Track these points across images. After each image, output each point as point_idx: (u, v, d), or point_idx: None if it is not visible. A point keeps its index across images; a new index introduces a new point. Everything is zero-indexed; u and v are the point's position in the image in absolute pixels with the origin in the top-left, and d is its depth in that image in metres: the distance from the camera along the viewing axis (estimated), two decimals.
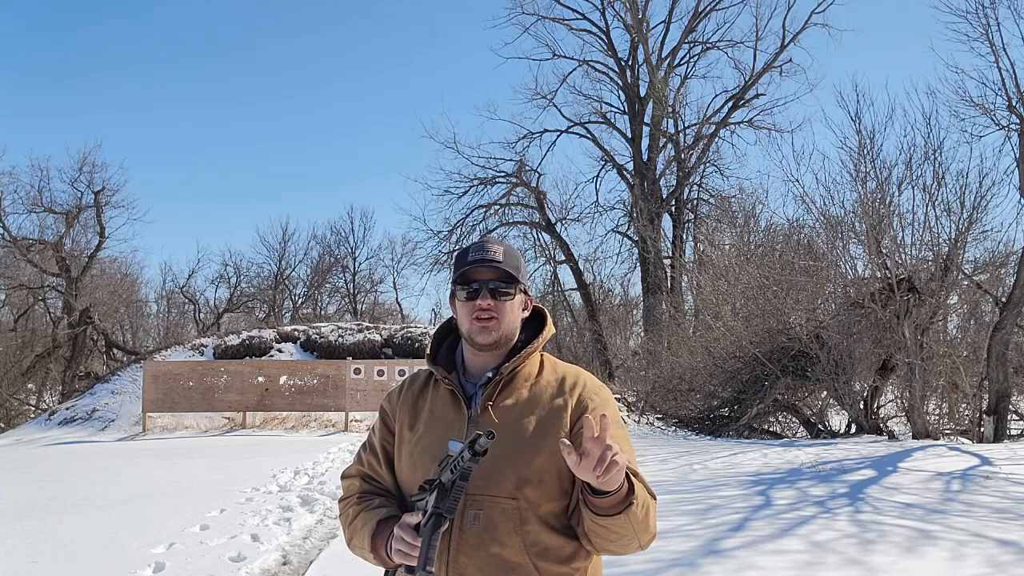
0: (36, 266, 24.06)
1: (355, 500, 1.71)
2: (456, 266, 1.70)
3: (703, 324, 17.14)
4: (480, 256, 1.65)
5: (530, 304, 1.74)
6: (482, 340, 1.64)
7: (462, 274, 1.66)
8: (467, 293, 1.65)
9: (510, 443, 1.56)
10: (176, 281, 35.32)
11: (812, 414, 14.25)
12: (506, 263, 1.65)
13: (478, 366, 1.69)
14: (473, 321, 1.63)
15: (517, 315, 1.69)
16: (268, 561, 5.36)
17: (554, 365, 1.73)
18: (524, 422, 1.59)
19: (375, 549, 1.59)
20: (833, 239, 13.48)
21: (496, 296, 1.64)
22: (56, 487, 8.37)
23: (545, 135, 26.12)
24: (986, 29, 12.19)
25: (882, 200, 12.40)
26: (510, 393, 1.64)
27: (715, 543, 5.41)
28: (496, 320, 1.63)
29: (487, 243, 1.70)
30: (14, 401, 22.31)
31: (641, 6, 25.06)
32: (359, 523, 1.64)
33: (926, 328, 12.02)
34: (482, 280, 1.64)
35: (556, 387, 1.66)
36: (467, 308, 1.65)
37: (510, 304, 1.66)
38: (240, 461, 10.23)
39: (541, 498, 1.54)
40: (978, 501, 6.58)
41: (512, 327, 1.67)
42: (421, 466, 1.62)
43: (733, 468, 9.04)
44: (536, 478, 1.54)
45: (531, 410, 1.61)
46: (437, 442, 1.61)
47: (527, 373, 1.67)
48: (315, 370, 15.75)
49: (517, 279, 1.66)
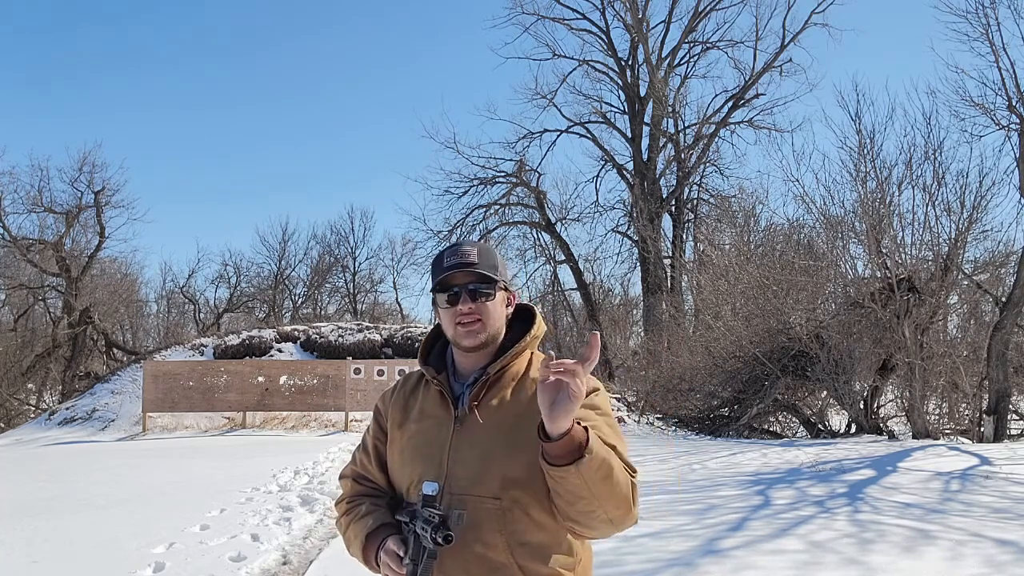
0: (36, 266, 24.06)
1: (345, 505, 1.76)
2: (433, 273, 1.69)
3: (703, 324, 17.13)
4: (455, 260, 1.65)
5: (513, 300, 1.74)
6: (468, 343, 1.64)
7: (440, 281, 1.65)
8: (447, 298, 1.65)
9: (495, 443, 1.57)
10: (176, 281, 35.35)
11: (812, 414, 14.25)
12: (482, 264, 1.64)
13: (467, 367, 1.69)
14: (457, 326, 1.64)
15: (501, 314, 1.68)
16: (268, 561, 5.37)
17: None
18: (509, 422, 1.59)
19: (367, 562, 1.66)
20: (833, 239, 13.49)
21: (476, 298, 1.63)
22: (56, 487, 8.38)
23: (545, 135, 26.17)
24: (986, 29, 12.22)
25: (882, 200, 12.40)
26: (496, 392, 1.64)
27: (714, 543, 5.42)
28: (480, 322, 1.63)
29: (460, 246, 1.69)
30: (14, 401, 22.31)
31: (641, 6, 25.06)
32: (351, 534, 1.69)
33: (926, 328, 12.02)
34: (460, 284, 1.64)
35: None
36: (449, 314, 1.65)
37: (492, 304, 1.65)
38: (240, 461, 10.23)
39: (525, 497, 1.53)
40: (977, 501, 6.59)
41: (497, 326, 1.67)
42: (410, 465, 1.65)
43: (732, 468, 9.04)
44: (521, 478, 1.53)
45: (516, 409, 1.61)
46: (425, 441, 1.64)
47: (515, 372, 1.67)
48: (315, 370, 15.75)
49: (495, 278, 1.66)
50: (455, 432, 1.61)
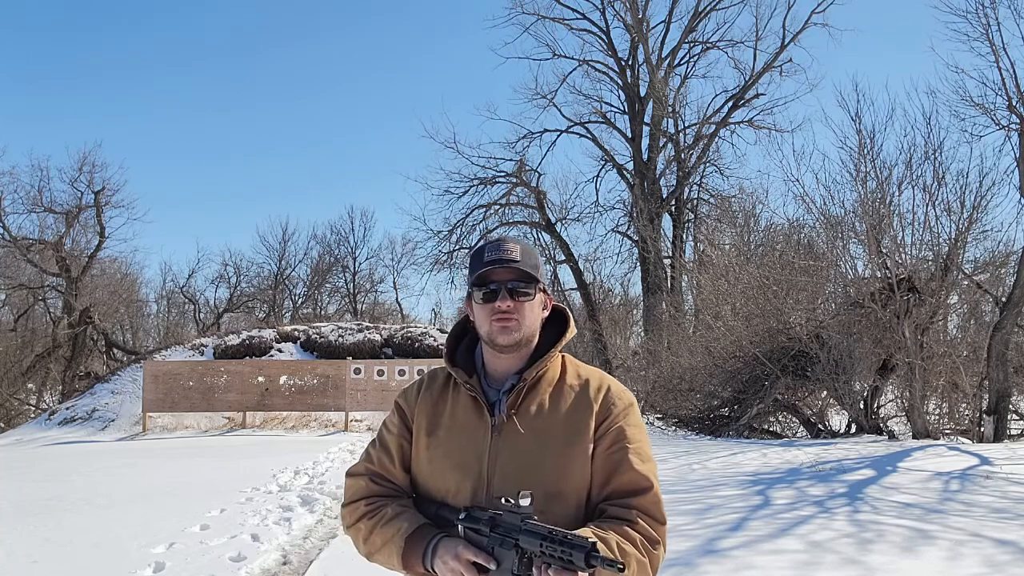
0: (36, 266, 24.06)
1: (364, 506, 1.64)
2: (472, 267, 1.63)
3: (703, 324, 17.14)
4: (497, 256, 1.59)
5: (549, 303, 1.68)
6: (503, 341, 1.59)
7: (479, 275, 1.59)
8: (484, 295, 1.59)
9: (536, 453, 1.54)
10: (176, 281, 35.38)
11: (812, 414, 14.25)
12: (524, 262, 1.59)
13: (500, 370, 1.64)
14: (493, 322, 1.58)
15: (537, 315, 1.63)
16: (268, 561, 5.37)
17: (576, 368, 1.69)
18: (550, 431, 1.56)
19: (409, 567, 1.53)
20: (833, 239, 13.48)
21: (515, 296, 1.58)
22: (56, 487, 8.38)
23: (545, 135, 26.18)
24: (986, 29, 12.20)
25: (882, 200, 12.40)
26: (534, 399, 1.60)
27: (713, 543, 5.42)
28: (516, 321, 1.58)
29: (504, 242, 1.63)
30: (14, 401, 22.32)
31: (641, 6, 25.07)
32: (377, 538, 1.58)
33: (926, 328, 12.02)
34: (500, 281, 1.59)
35: (580, 392, 1.63)
36: (486, 310, 1.59)
37: (530, 304, 1.60)
38: (240, 461, 10.23)
39: (560, 513, 1.49)
40: (977, 501, 6.58)
41: (533, 328, 1.62)
42: (445, 473, 1.59)
43: (732, 468, 9.05)
44: (562, 492, 1.50)
45: (556, 418, 1.57)
46: (459, 448, 1.59)
47: (550, 377, 1.63)
48: (315, 370, 15.76)
49: (536, 278, 1.61)
50: (493, 441, 1.56)
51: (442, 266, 25.83)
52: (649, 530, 1.50)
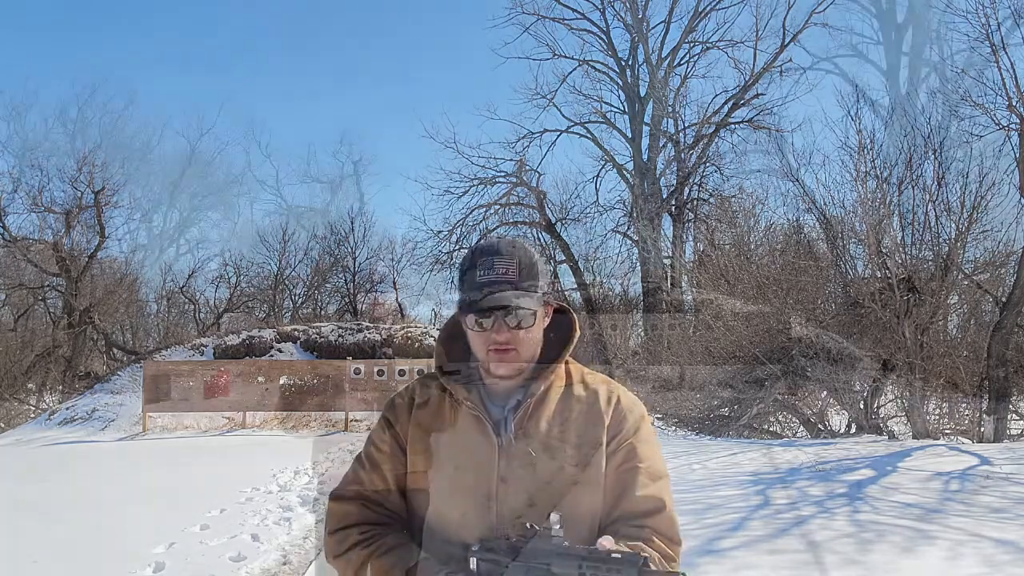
0: (36, 266, 24.05)
1: (357, 535, 1.47)
2: (462, 283, 1.45)
3: (703, 324, 17.13)
4: (491, 277, 1.40)
5: (550, 311, 1.53)
6: (502, 372, 1.46)
7: (471, 301, 1.41)
8: (478, 322, 1.43)
9: (547, 476, 1.43)
10: (176, 281, 35.35)
11: (812, 414, 14.24)
12: (522, 280, 1.41)
13: (499, 385, 1.51)
14: (490, 352, 1.44)
15: (538, 335, 1.49)
16: (268, 561, 5.37)
17: (582, 374, 1.58)
18: (561, 451, 1.45)
19: None
20: (833, 239, 13.48)
21: (513, 326, 1.43)
22: (56, 487, 8.38)
23: (545, 135, 26.16)
24: (986, 29, 12.21)
25: (882, 200, 12.41)
26: (542, 415, 1.48)
27: (713, 543, 5.42)
28: (515, 352, 1.44)
29: (498, 258, 1.42)
30: (14, 401, 22.31)
31: (641, 6, 25.09)
32: (374, 571, 1.43)
33: (926, 328, 12.02)
34: (496, 307, 1.40)
35: (589, 405, 1.52)
36: (480, 338, 1.44)
37: (530, 331, 1.45)
38: (240, 461, 10.23)
39: (575, 537, 1.39)
40: (976, 501, 6.58)
41: (533, 351, 1.48)
42: (443, 500, 1.45)
43: (732, 468, 9.04)
44: (575, 515, 1.41)
45: (567, 436, 1.47)
46: (463, 473, 1.45)
47: (556, 387, 1.52)
48: (315, 370, 15.76)
49: (536, 296, 1.44)
50: (500, 462, 1.44)
51: (442, 266, 25.84)
52: (665, 549, 1.42)
